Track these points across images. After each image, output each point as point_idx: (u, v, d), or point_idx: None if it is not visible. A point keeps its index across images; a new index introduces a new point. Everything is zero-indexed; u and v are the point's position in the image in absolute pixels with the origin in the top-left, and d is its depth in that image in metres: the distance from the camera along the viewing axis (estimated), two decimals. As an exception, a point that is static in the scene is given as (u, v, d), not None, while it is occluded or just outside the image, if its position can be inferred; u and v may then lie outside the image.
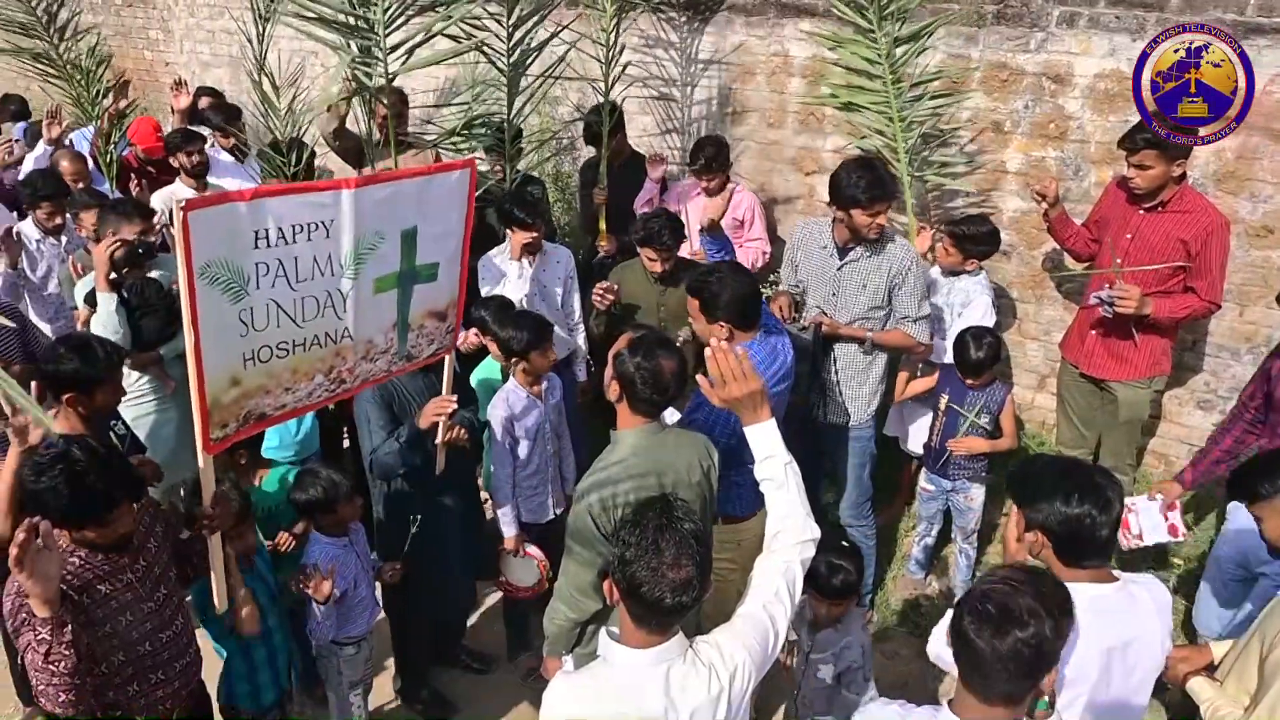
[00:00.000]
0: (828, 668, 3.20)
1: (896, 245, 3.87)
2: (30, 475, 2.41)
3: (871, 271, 3.85)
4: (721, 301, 3.09)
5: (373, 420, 3.44)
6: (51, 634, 2.28)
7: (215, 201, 2.45)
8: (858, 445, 4.11)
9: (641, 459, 2.68)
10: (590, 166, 5.44)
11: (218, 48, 7.94)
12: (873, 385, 4.03)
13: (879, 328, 3.93)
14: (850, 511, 4.22)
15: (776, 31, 5.12)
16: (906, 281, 3.84)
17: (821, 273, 3.97)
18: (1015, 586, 1.84)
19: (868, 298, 3.87)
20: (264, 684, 3.23)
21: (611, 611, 2.75)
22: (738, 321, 3.13)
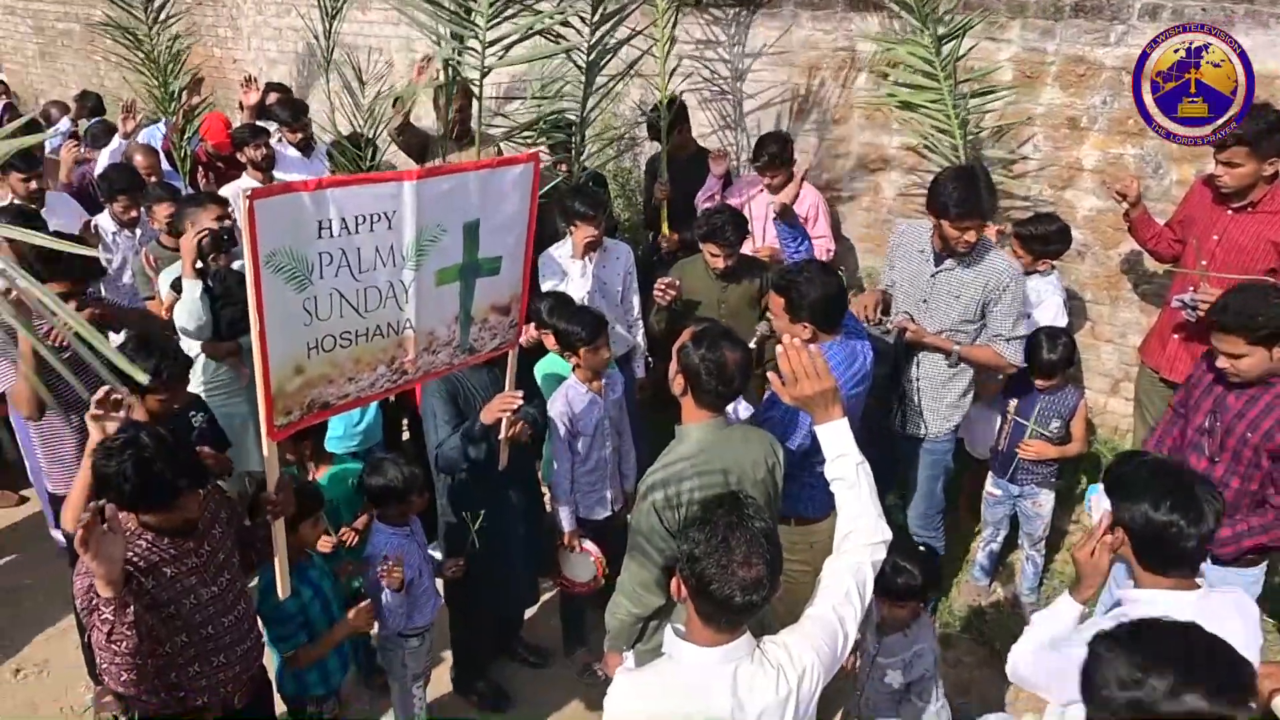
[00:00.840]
0: (896, 673, 3.13)
1: (997, 258, 3.72)
2: (100, 459, 2.47)
3: (967, 283, 3.71)
4: (807, 301, 3.05)
5: (439, 414, 3.46)
6: (114, 614, 2.34)
7: (280, 191, 2.47)
8: (932, 458, 4.01)
9: (707, 454, 2.65)
10: (654, 162, 5.42)
11: (284, 44, 8.07)
12: (953, 399, 3.90)
13: (968, 342, 3.79)
14: (919, 521, 4.14)
15: (843, 26, 5.04)
16: (1003, 298, 3.68)
17: (915, 277, 3.85)
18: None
19: (960, 309, 3.73)
20: (332, 668, 3.27)
21: (674, 608, 2.73)
22: (821, 323, 3.08)
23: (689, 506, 2.57)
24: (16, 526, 5.32)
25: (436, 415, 3.47)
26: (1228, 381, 3.13)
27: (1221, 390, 3.19)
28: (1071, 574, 4.42)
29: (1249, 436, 3.07)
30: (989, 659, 4.16)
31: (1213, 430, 3.19)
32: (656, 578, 2.68)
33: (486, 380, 3.57)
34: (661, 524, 2.60)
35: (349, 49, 6.80)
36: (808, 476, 3.10)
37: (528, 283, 3.29)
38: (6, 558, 5.08)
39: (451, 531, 3.69)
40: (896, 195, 5.18)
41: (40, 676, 4.31)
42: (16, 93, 10.90)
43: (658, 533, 2.62)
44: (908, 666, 3.12)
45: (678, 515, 2.59)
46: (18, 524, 5.34)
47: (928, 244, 3.79)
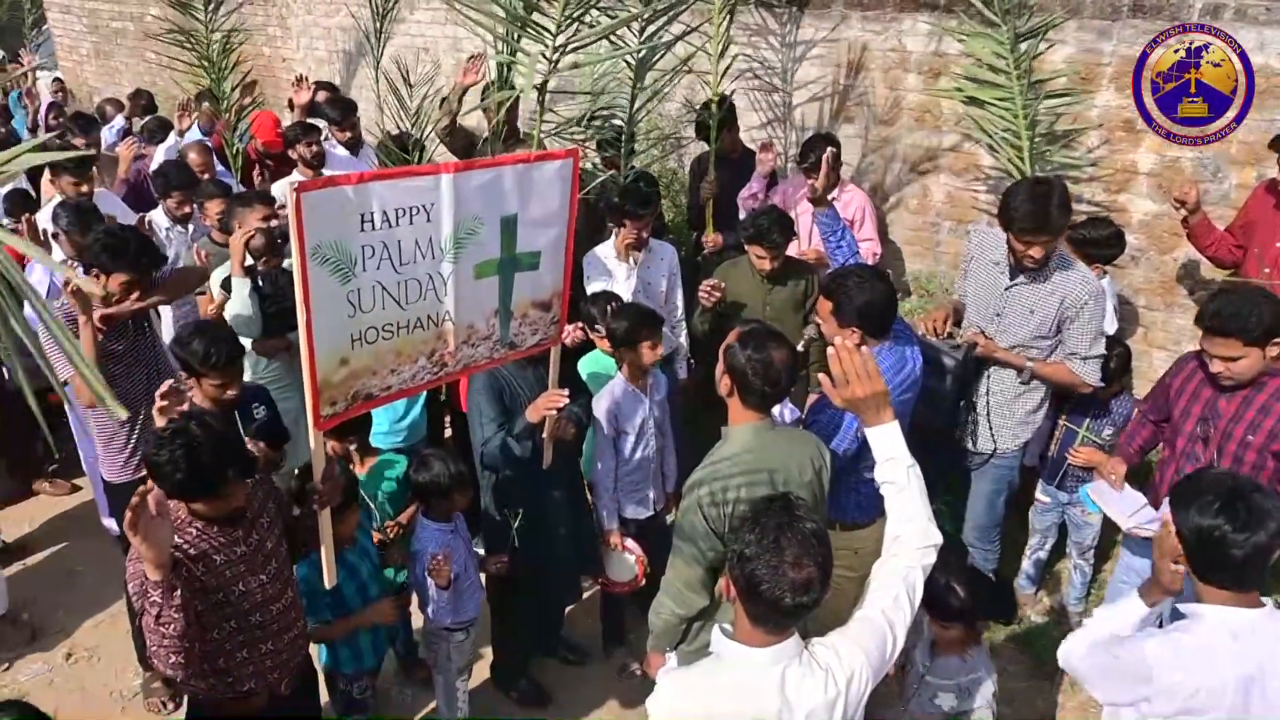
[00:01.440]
0: (948, 696, 3.05)
1: (1076, 273, 3.56)
2: (151, 448, 2.52)
3: (1043, 297, 3.56)
4: (855, 305, 3.01)
5: (484, 412, 3.48)
6: (162, 597, 2.38)
7: (325, 185, 2.51)
8: (997, 474, 3.91)
9: (753, 455, 2.64)
10: (700, 162, 5.41)
11: (332, 44, 8.17)
12: (1023, 415, 3.78)
13: (1042, 358, 3.66)
14: (976, 534, 4.07)
15: (894, 26, 4.99)
16: (1081, 315, 3.53)
17: (989, 289, 3.71)
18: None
19: (1034, 325, 3.59)
20: (364, 648, 3.31)
21: (718, 608, 2.72)
22: (869, 328, 3.04)
23: (734, 507, 2.57)
24: (69, 514, 5.44)
25: (482, 413, 3.49)
26: (1216, 386, 3.08)
27: (1211, 394, 3.13)
28: (1120, 584, 4.35)
29: (1250, 439, 3.01)
30: (1034, 669, 4.10)
31: (1207, 437, 3.12)
32: (701, 578, 2.67)
33: (532, 379, 3.58)
34: (706, 524, 2.60)
35: (397, 49, 6.86)
36: (854, 481, 3.08)
37: (569, 279, 3.30)
38: (59, 544, 5.19)
39: (494, 528, 3.72)
40: (946, 198, 5.12)
41: (91, 661, 4.40)
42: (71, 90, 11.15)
43: (701, 533, 2.61)
44: (963, 692, 3.04)
45: (722, 516, 2.58)
46: (70, 511, 5.46)
47: (1003, 255, 3.63)
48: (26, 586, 4.76)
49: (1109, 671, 2.31)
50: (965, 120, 4.74)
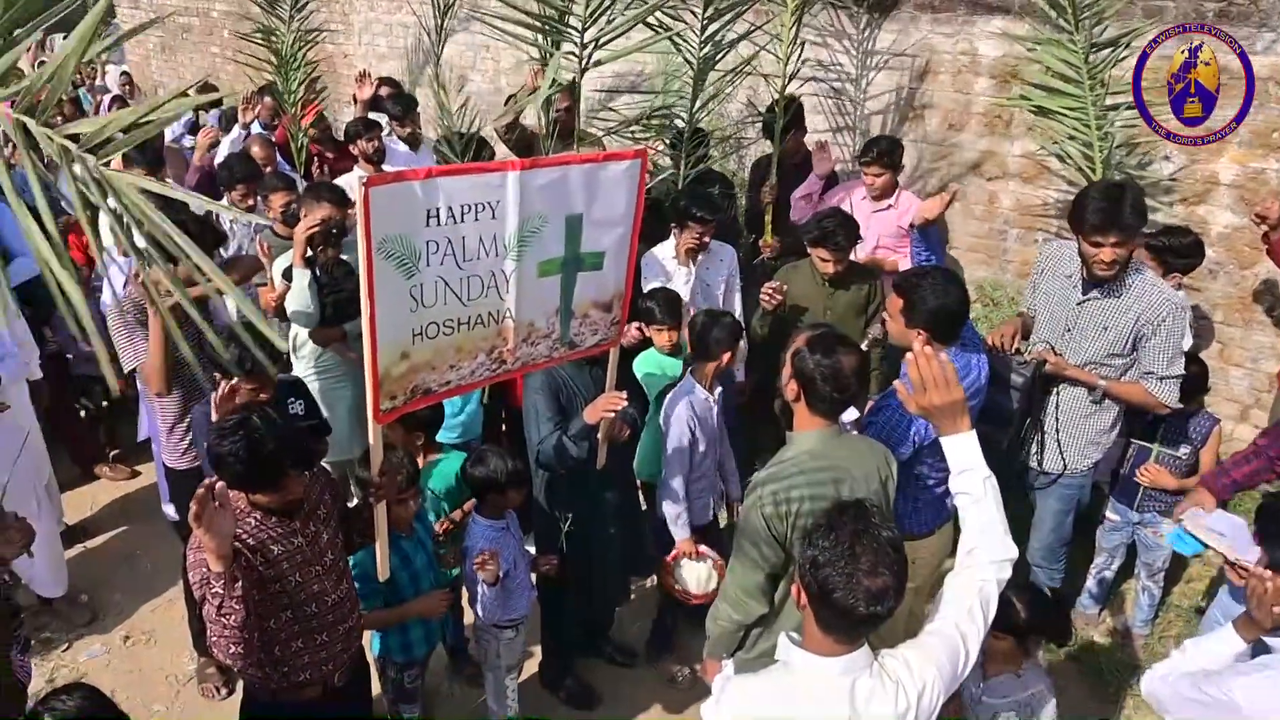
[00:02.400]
0: (1010, 715, 2.96)
1: (1155, 288, 3.41)
2: (214, 438, 2.55)
3: (1117, 313, 3.41)
4: (927, 307, 2.96)
5: (541, 411, 3.47)
6: (224, 588, 2.40)
7: (393, 179, 2.51)
8: (1065, 493, 3.79)
9: (818, 461, 2.60)
10: (762, 166, 5.35)
11: (394, 41, 8.23)
12: (1093, 435, 3.64)
13: (1115, 376, 3.52)
14: (1042, 554, 3.96)
15: (965, 29, 4.89)
16: (1159, 332, 3.37)
17: (1059, 304, 3.58)
18: None
19: (1107, 342, 3.45)
20: (415, 639, 3.31)
21: (779, 616, 2.68)
22: (937, 332, 2.98)
23: (797, 513, 2.53)
24: (130, 498, 5.54)
25: (539, 412, 3.47)
26: None
27: None
28: (1190, 608, 4.21)
29: None
30: (1096, 689, 3.99)
31: None
32: (760, 584, 2.64)
33: (589, 379, 3.57)
34: (768, 530, 2.56)
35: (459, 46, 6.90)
36: (913, 490, 3.01)
37: (631, 281, 3.28)
38: (119, 529, 5.28)
39: (546, 527, 3.70)
40: (1014, 205, 5.00)
41: (148, 644, 4.47)
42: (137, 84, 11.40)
43: (763, 538, 2.57)
44: (1024, 710, 2.96)
45: (785, 522, 2.54)
46: (131, 495, 5.56)
47: (1076, 268, 3.51)
48: (86, 568, 4.85)
49: (1194, 705, 2.22)
50: (1037, 127, 4.63)
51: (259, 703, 2.83)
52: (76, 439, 5.60)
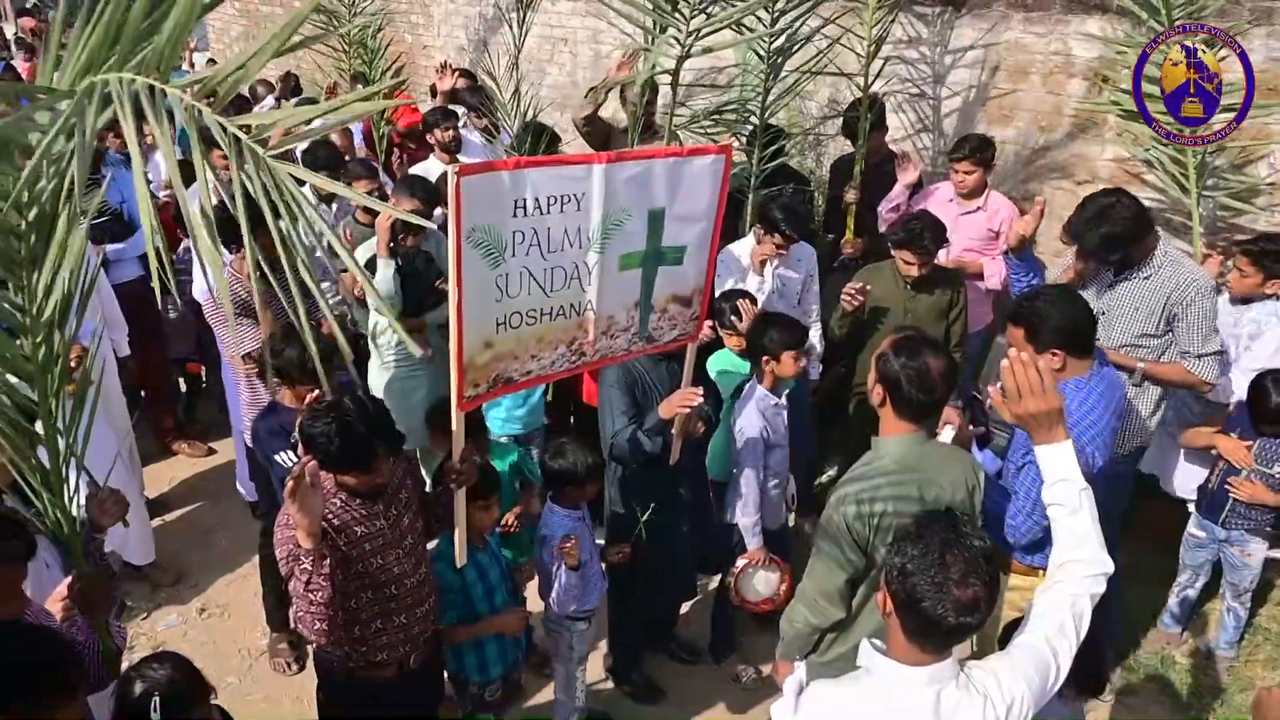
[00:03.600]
0: None
1: (1182, 267, 3.47)
2: (307, 419, 2.60)
3: (1147, 293, 3.47)
4: (1050, 325, 2.87)
5: (615, 404, 3.47)
6: (313, 565, 2.46)
7: (483, 169, 2.54)
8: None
9: (903, 468, 2.56)
10: (842, 165, 5.29)
11: (473, 33, 8.31)
12: (1134, 419, 3.62)
13: (1153, 358, 3.53)
14: None
15: (1059, 29, 4.76)
16: (1189, 311, 3.43)
17: (1092, 286, 3.64)
18: None
19: (1140, 322, 3.50)
20: (491, 659, 3.31)
21: (855, 621, 2.65)
22: (1071, 348, 2.90)
23: (880, 520, 2.50)
24: (205, 476, 5.68)
25: (614, 405, 3.48)
26: None
27: None
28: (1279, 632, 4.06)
29: None
30: (1174, 710, 3.86)
31: None
32: (839, 589, 2.60)
33: (665, 374, 3.57)
34: (849, 535, 2.52)
35: (537, 39, 6.94)
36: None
37: (711, 277, 3.26)
38: (195, 504, 5.42)
39: (617, 520, 3.71)
40: (1103, 211, 4.85)
41: (222, 618, 4.58)
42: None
43: (845, 543, 2.54)
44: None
45: (867, 527, 2.51)
46: (206, 474, 5.70)
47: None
48: (164, 541, 4.98)
49: None
50: (1128, 132, 4.50)
51: (336, 681, 2.88)
52: (162, 414, 5.75)
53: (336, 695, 2.93)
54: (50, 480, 1.89)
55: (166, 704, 2.15)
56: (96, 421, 2.11)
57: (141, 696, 2.16)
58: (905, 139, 5.57)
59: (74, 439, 1.93)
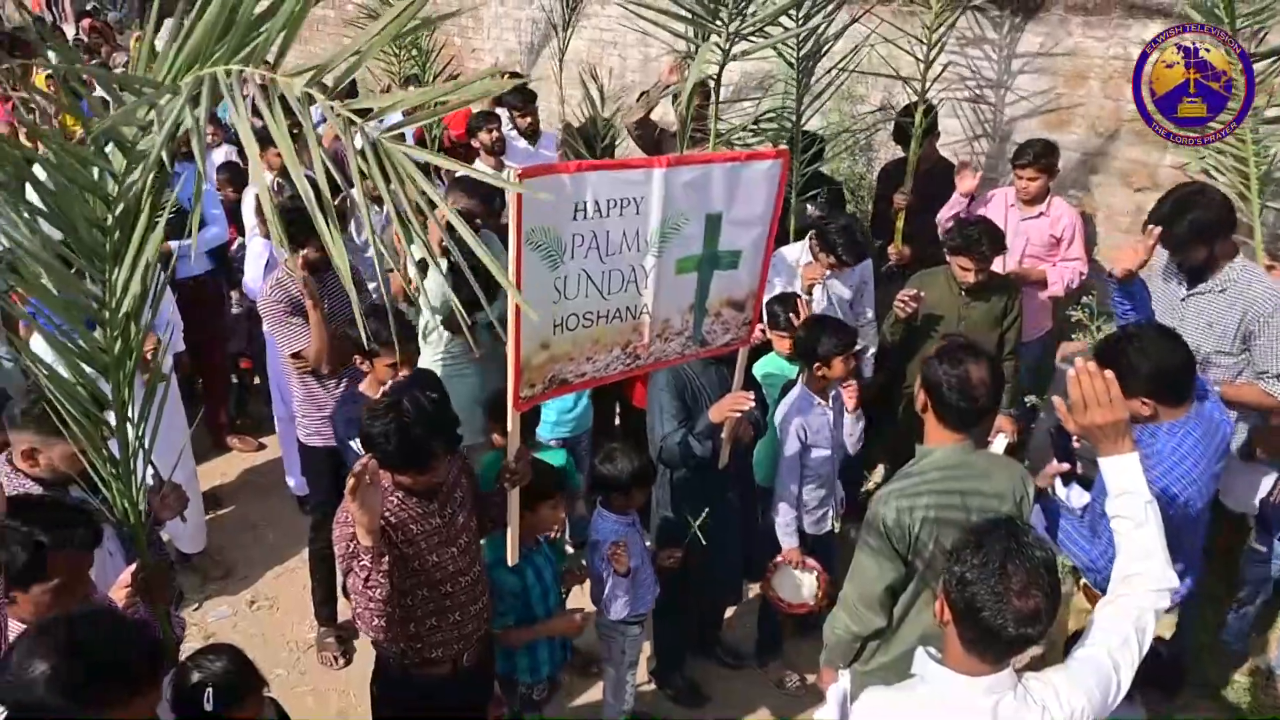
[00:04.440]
0: None
1: (1261, 284, 3.35)
2: (367, 419, 2.63)
3: (1222, 309, 3.36)
4: (1142, 374, 2.67)
5: (665, 408, 3.47)
6: (372, 561, 2.48)
7: (544, 171, 2.56)
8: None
9: (946, 476, 2.54)
10: (891, 170, 5.24)
11: (522, 35, 8.36)
12: None
13: (1228, 377, 3.41)
14: None
15: (1120, 33, 4.68)
16: (1266, 330, 3.31)
17: (1165, 301, 3.53)
18: None
19: (1214, 340, 3.39)
20: (542, 660, 3.32)
21: (895, 630, 2.63)
22: (1163, 397, 2.71)
23: (920, 528, 2.48)
24: (255, 470, 5.77)
25: (663, 409, 3.48)
26: None
27: None
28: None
29: None
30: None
31: None
32: (879, 596, 2.59)
33: (714, 378, 3.56)
34: (889, 543, 2.51)
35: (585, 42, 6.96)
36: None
37: (765, 281, 3.25)
38: (246, 499, 5.51)
39: (666, 524, 3.70)
40: (1162, 219, 4.76)
41: (271, 610, 4.65)
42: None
43: (885, 551, 2.52)
44: None
45: (907, 535, 2.50)
46: (257, 468, 5.79)
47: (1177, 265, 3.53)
48: (214, 534, 5.06)
49: None
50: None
51: (390, 677, 2.90)
52: (217, 409, 5.85)
53: (391, 691, 2.96)
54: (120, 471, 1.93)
55: (221, 695, 2.19)
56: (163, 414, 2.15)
57: (197, 686, 2.20)
58: (963, 144, 5.51)
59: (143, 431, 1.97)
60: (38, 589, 2.00)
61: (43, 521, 1.96)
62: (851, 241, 4.19)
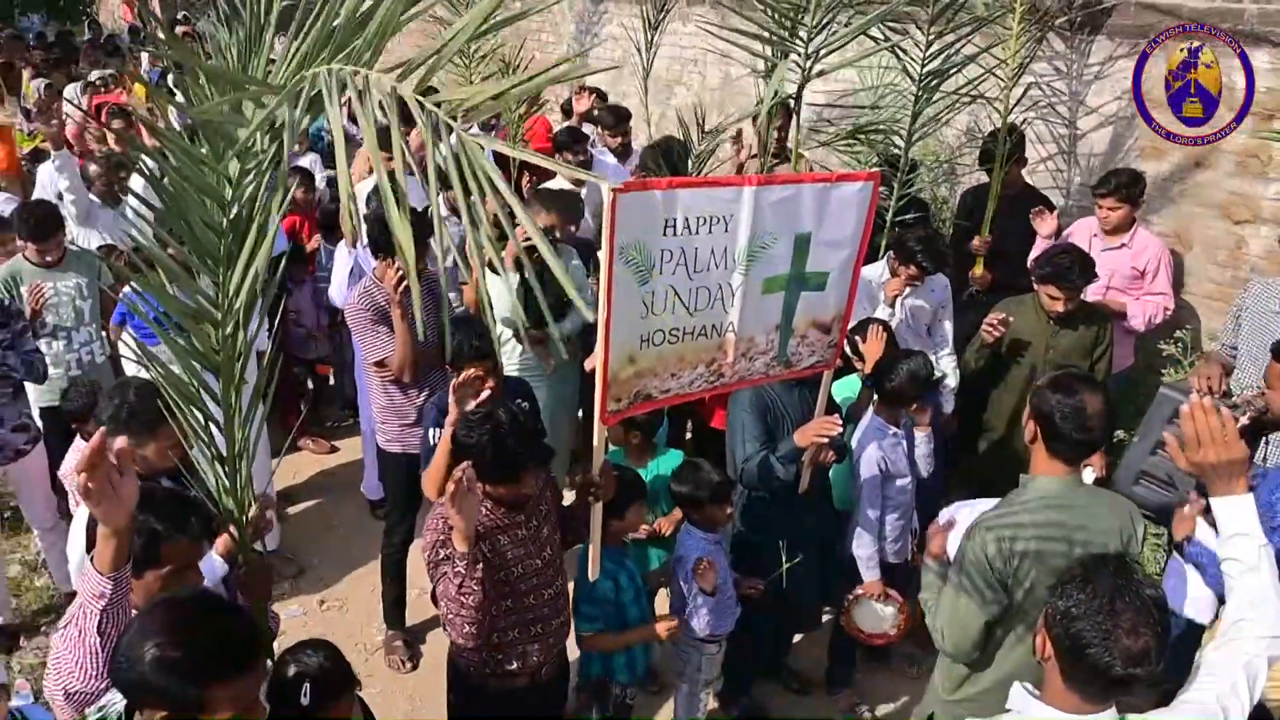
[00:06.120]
0: None
1: None
2: (462, 429, 2.66)
3: None
4: None
5: (748, 429, 3.44)
6: (466, 569, 2.50)
7: (639, 187, 2.56)
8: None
9: (1051, 509, 2.47)
10: (972, 194, 5.16)
11: (601, 52, 8.43)
12: None
13: None
14: None
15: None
16: None
17: (1266, 339, 3.38)
18: None
19: None
20: (638, 658, 3.34)
21: (989, 660, 2.56)
22: None
23: (1022, 561, 2.42)
24: (329, 473, 5.87)
25: (746, 430, 3.45)
26: None
27: None
28: None
29: None
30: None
31: None
32: (979, 630, 2.52)
33: (796, 400, 3.52)
34: (989, 570, 2.44)
35: (665, 59, 7.00)
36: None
37: (852, 304, 3.21)
38: (318, 499, 5.60)
39: (742, 545, 3.66)
40: (1264, 253, 4.59)
41: (341, 611, 4.71)
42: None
43: (987, 582, 2.46)
44: None
45: (1009, 567, 2.43)
46: (331, 470, 5.90)
47: None
48: (289, 533, 5.16)
49: None
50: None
51: (468, 686, 2.91)
52: (288, 411, 5.98)
53: (467, 700, 2.96)
54: (227, 468, 1.97)
55: (318, 690, 2.22)
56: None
57: (295, 680, 2.23)
58: (1042, 165, 5.40)
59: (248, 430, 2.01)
60: (150, 575, 2.06)
61: (158, 511, 2.02)
62: (931, 248, 4.13)
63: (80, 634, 1.86)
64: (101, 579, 1.83)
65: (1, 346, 4.04)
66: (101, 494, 1.75)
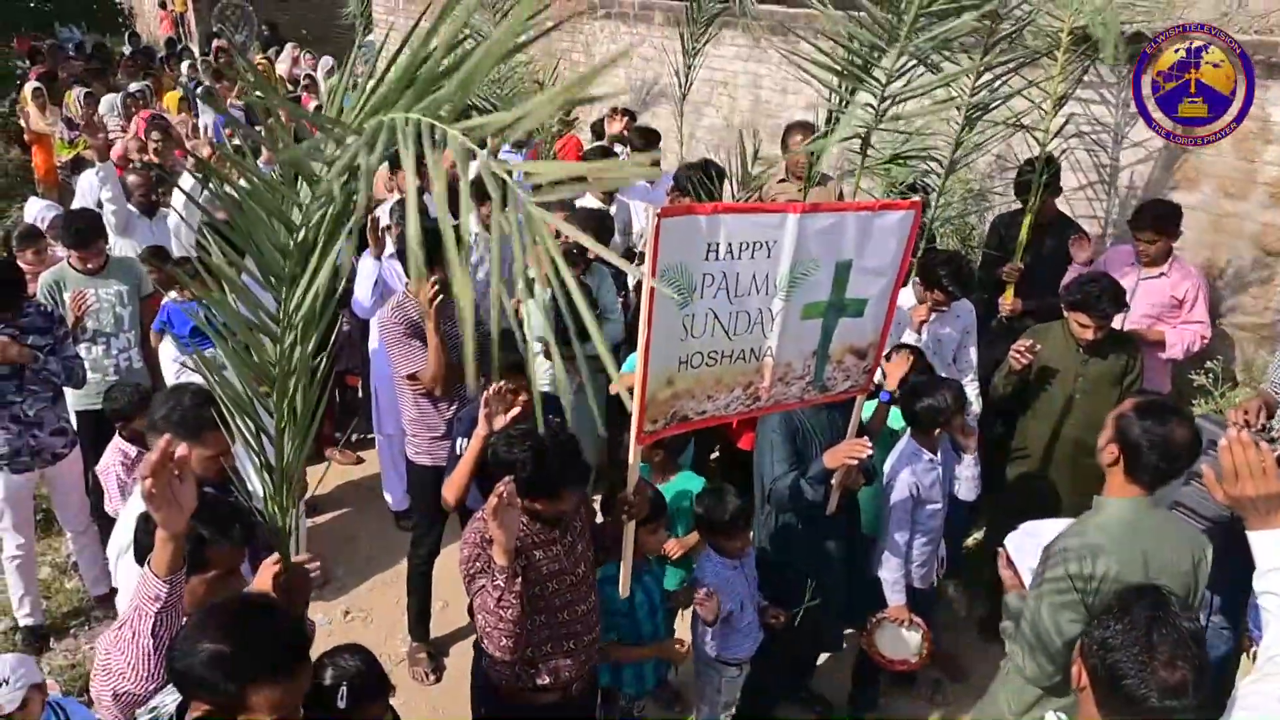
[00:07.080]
0: None
1: None
2: (503, 445, 2.69)
3: None
4: None
5: (777, 450, 3.46)
6: (505, 582, 2.53)
7: (682, 212, 2.60)
8: None
9: (1128, 531, 2.47)
10: (1002, 222, 5.17)
11: (633, 73, 8.50)
12: None
13: None
14: None
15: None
16: None
17: None
18: None
19: None
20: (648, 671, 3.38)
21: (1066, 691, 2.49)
22: None
23: (1103, 582, 2.39)
24: (354, 484, 5.92)
25: (775, 451, 3.47)
26: None
27: None
28: None
29: None
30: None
31: None
32: (1060, 652, 2.45)
33: (824, 422, 3.54)
34: (1071, 587, 2.41)
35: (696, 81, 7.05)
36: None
37: (888, 330, 3.24)
38: (343, 510, 5.65)
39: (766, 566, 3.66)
40: (1299, 286, 4.59)
41: (365, 621, 4.74)
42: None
43: (1071, 603, 2.41)
44: None
45: (1089, 589, 2.40)
46: (355, 481, 5.95)
47: None
48: (314, 543, 5.20)
49: None
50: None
51: (498, 700, 2.93)
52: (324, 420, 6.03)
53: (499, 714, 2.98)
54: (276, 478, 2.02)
55: (354, 693, 2.25)
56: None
57: (332, 683, 2.27)
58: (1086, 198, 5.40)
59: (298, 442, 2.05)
60: (195, 579, 2.11)
61: (203, 517, 2.07)
62: (956, 272, 4.15)
63: (134, 635, 1.90)
64: (158, 581, 1.88)
65: (44, 351, 4.12)
66: (164, 498, 1.81)
